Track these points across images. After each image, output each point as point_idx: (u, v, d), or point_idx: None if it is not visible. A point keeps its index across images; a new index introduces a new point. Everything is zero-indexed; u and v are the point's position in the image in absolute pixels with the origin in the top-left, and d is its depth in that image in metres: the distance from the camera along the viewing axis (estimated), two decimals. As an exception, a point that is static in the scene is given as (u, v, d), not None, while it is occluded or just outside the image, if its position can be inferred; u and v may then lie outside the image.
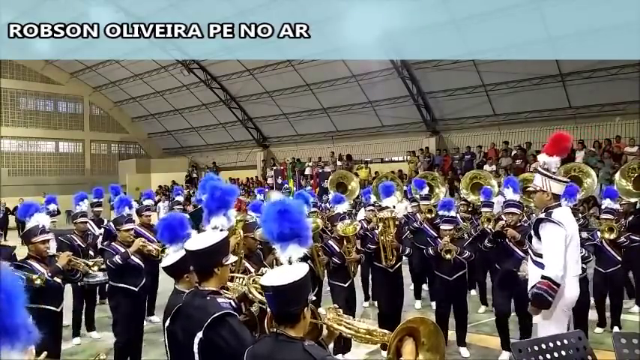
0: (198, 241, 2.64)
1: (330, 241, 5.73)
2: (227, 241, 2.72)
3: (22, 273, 4.43)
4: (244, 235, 4.18)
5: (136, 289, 5.31)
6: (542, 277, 3.74)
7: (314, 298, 2.35)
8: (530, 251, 4.13)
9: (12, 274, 1.39)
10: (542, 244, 3.88)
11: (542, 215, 3.93)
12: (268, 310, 2.20)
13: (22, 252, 5.63)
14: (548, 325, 3.77)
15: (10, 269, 4.35)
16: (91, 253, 6.37)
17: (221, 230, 2.76)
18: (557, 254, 3.75)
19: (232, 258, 2.76)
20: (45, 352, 1.71)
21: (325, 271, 5.74)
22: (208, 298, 2.49)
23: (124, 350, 5.20)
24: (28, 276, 4.42)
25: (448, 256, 5.62)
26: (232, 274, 2.98)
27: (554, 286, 3.68)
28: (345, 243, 5.62)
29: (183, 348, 2.53)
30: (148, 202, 8.72)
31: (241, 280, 2.90)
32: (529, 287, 3.96)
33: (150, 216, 7.60)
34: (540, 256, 3.91)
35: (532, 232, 4.03)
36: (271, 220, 2.15)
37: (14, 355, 1.28)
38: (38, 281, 4.41)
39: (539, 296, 3.70)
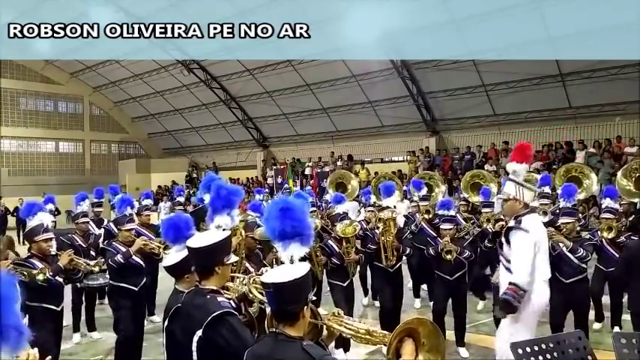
0: (201, 239, 2.63)
1: (329, 241, 5.71)
2: (229, 240, 2.73)
3: (23, 270, 4.43)
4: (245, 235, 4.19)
5: (137, 289, 5.32)
6: (510, 283, 3.90)
7: (314, 298, 2.35)
8: (501, 257, 4.25)
9: (7, 277, 1.39)
10: (511, 251, 4.02)
11: (512, 223, 4.07)
12: (268, 310, 2.20)
13: (20, 252, 5.63)
14: (516, 328, 3.89)
15: (11, 267, 4.36)
16: (92, 253, 6.38)
17: (224, 230, 2.76)
18: (524, 261, 3.91)
19: (233, 258, 2.76)
20: (49, 357, 1.71)
21: (324, 271, 5.74)
22: (208, 296, 2.48)
23: (127, 347, 5.19)
24: (29, 273, 4.42)
25: (449, 257, 5.61)
26: (233, 275, 2.98)
27: (521, 292, 3.84)
28: (344, 243, 5.60)
29: (182, 347, 2.53)
30: (147, 202, 8.74)
31: (242, 279, 2.90)
32: (501, 292, 4.08)
33: (149, 215, 7.62)
34: (510, 262, 4.05)
35: (503, 240, 4.16)
36: (274, 218, 2.15)
37: (2, 355, 1.27)
38: (40, 276, 4.40)
39: (506, 301, 3.87)
